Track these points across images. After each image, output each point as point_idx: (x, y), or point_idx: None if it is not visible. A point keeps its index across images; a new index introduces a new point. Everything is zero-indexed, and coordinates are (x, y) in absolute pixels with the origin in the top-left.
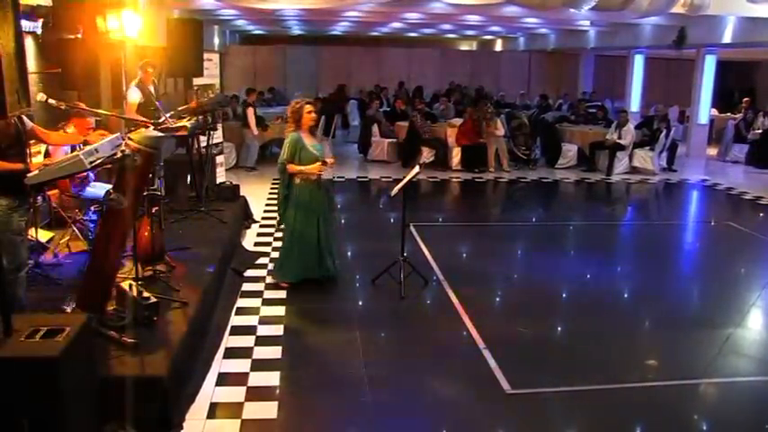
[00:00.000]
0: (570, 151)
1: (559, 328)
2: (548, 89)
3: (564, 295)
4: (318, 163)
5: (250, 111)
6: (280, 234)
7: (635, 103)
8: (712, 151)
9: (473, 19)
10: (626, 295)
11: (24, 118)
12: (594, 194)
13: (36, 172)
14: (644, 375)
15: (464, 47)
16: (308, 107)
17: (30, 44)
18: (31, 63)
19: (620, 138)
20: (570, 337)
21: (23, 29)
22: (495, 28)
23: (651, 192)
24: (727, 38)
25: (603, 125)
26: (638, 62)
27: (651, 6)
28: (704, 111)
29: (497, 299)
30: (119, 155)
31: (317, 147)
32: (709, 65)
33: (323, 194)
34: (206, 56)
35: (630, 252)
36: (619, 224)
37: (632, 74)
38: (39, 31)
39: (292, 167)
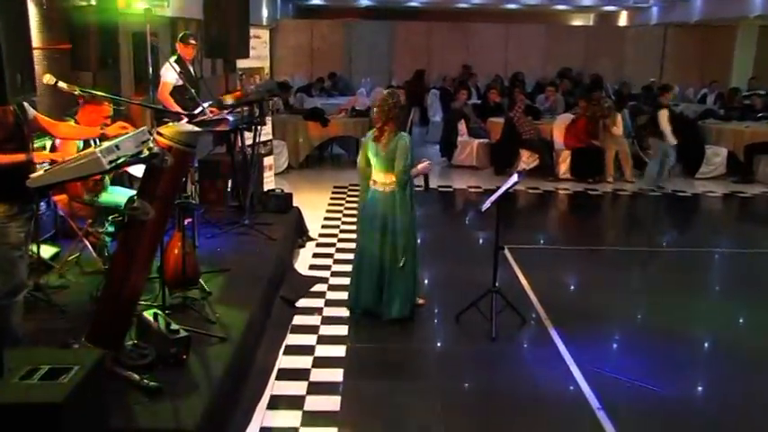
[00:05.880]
0: (717, 156)
1: (700, 388)
2: (689, 75)
3: (706, 345)
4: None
5: (663, 113)
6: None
7: None
8: None
9: None
10: None
11: (26, 105)
12: (751, 213)
13: (41, 172)
14: None
15: (577, 21)
16: None
17: (33, 13)
18: (36, 37)
19: None
20: (714, 401)
21: None
22: None
23: None
24: None
25: (767, 122)
26: None
27: None
28: None
29: (615, 345)
30: (145, 153)
31: None
32: None
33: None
34: (253, 32)
35: None
36: None
37: None
38: None
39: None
